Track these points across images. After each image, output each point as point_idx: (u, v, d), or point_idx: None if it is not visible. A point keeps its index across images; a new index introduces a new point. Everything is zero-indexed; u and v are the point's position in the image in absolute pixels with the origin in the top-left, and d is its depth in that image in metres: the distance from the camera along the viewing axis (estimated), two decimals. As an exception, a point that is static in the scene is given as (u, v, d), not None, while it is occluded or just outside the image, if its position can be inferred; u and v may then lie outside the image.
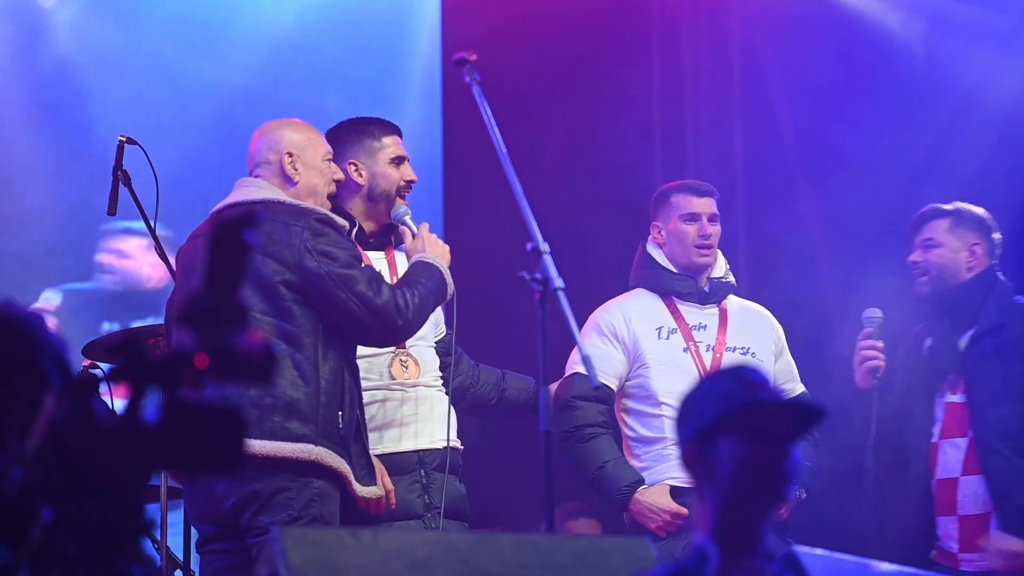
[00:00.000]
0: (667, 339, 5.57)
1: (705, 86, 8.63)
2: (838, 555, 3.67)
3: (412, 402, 5.17)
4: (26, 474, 1.92)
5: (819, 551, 3.92)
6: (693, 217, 5.66)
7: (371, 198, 5.24)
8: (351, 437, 4.71)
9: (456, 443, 5.24)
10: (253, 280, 4.62)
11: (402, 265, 5.13)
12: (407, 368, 5.19)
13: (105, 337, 5.56)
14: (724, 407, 2.95)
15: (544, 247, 4.23)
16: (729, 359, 5.57)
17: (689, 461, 3.01)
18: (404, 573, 3.31)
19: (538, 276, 4.20)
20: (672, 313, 5.62)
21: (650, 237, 5.74)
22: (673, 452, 5.43)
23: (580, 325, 4.65)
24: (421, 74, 8.34)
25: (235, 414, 1.94)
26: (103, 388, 2.04)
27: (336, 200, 5.08)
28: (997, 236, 5.65)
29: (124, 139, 5.49)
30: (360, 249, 5.00)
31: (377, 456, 4.96)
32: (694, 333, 5.61)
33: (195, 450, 1.92)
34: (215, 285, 1.94)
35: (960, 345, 5.54)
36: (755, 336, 5.68)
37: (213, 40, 7.99)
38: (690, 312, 5.64)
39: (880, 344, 5.60)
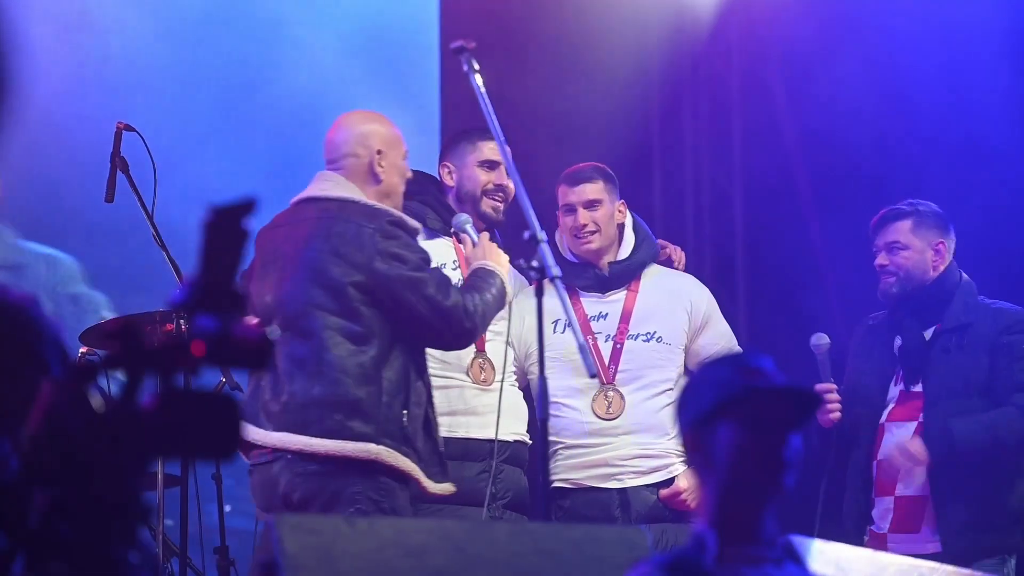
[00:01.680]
0: (562, 333, 5.48)
1: (704, 76, 8.62)
2: (835, 544, 3.68)
3: (491, 393, 5.27)
4: (23, 460, 1.92)
5: (817, 540, 3.92)
6: (569, 208, 5.60)
7: (459, 199, 5.40)
8: (417, 435, 4.74)
9: (524, 437, 5.33)
10: (322, 280, 4.69)
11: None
12: (484, 371, 5.31)
13: (103, 324, 5.56)
14: (722, 394, 2.95)
15: (541, 235, 4.24)
16: (631, 347, 5.53)
17: (688, 448, 3.01)
18: (400, 561, 3.31)
19: (535, 264, 4.21)
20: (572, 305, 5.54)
21: (558, 228, 5.71)
22: (567, 454, 5.44)
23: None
24: (419, 62, 8.34)
25: (231, 401, 1.94)
26: (100, 375, 2.04)
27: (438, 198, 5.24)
28: (953, 232, 5.74)
29: (122, 126, 5.48)
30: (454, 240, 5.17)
31: (450, 440, 5.04)
32: (592, 324, 5.53)
33: (192, 437, 1.92)
34: (211, 272, 1.93)
35: (925, 340, 5.63)
36: (665, 318, 5.58)
37: (210, 27, 7.98)
38: (590, 302, 5.58)
39: (834, 386, 5.64)
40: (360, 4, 8.37)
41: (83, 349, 5.32)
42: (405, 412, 4.70)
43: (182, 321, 5.21)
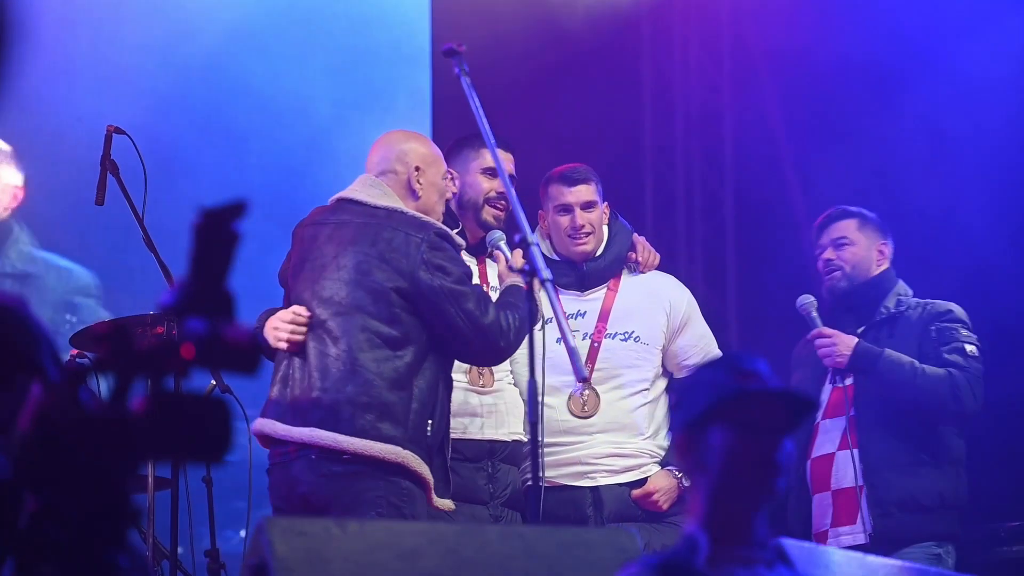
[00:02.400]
0: (539, 330, 5.49)
1: (695, 77, 8.63)
2: (825, 547, 3.68)
3: (488, 395, 5.33)
4: (13, 463, 1.92)
5: (807, 544, 3.93)
6: (566, 208, 5.58)
7: (460, 206, 5.41)
8: (436, 447, 4.80)
9: (521, 436, 5.36)
10: (366, 282, 4.74)
11: (492, 277, 5.32)
12: (483, 375, 5.36)
13: (93, 326, 5.54)
14: (715, 397, 2.95)
15: (532, 238, 4.24)
16: (608, 346, 5.53)
17: (681, 450, 3.01)
18: (391, 563, 3.31)
19: (526, 268, 4.21)
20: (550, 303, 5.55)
21: (538, 227, 5.70)
22: (545, 452, 5.45)
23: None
24: (410, 64, 8.34)
25: (221, 404, 1.94)
26: (90, 377, 2.04)
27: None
28: (892, 242, 5.96)
29: (112, 129, 5.48)
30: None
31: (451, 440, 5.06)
32: (571, 322, 5.50)
33: (182, 440, 1.92)
34: (202, 274, 1.93)
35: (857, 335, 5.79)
36: (644, 318, 5.58)
37: (201, 28, 7.98)
38: (569, 300, 5.55)
39: (829, 331, 5.77)
40: (351, 10, 8.37)
41: (73, 352, 5.31)
42: (430, 422, 4.75)
43: (172, 324, 5.20)
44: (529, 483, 5.32)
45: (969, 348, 5.64)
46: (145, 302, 5.94)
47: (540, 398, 5.29)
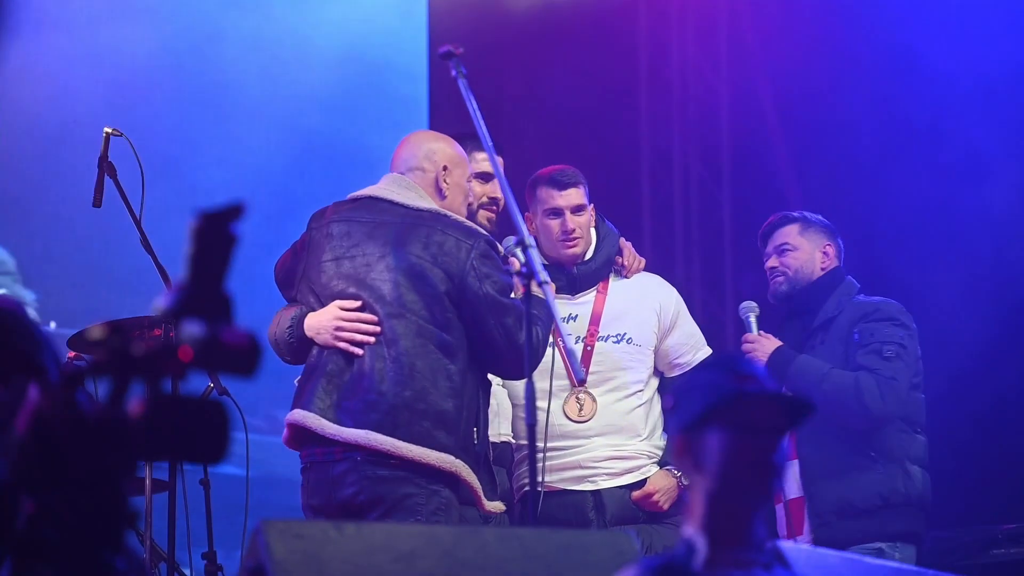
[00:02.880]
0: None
1: (692, 81, 8.64)
2: (822, 550, 3.68)
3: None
4: (10, 465, 1.92)
5: (804, 546, 3.93)
6: (556, 212, 5.54)
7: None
8: (483, 455, 4.84)
9: (509, 438, 5.37)
10: (419, 286, 4.75)
11: None
12: None
13: (89, 329, 5.54)
14: (712, 399, 2.95)
15: (529, 240, 4.23)
16: (601, 349, 5.54)
17: (679, 453, 3.01)
18: (388, 566, 3.31)
19: (523, 270, 4.20)
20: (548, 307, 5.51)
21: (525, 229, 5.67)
22: (539, 457, 5.44)
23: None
24: (407, 67, 8.34)
25: (219, 406, 1.94)
26: (88, 379, 2.04)
27: None
28: (839, 242, 5.93)
29: (110, 131, 5.48)
30: None
31: None
32: (562, 327, 5.50)
33: (179, 442, 1.92)
34: (199, 277, 1.93)
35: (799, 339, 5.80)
36: (634, 319, 5.57)
37: (196, 33, 7.98)
38: (560, 304, 5.50)
39: (755, 336, 5.79)
40: (349, 13, 8.36)
41: (71, 354, 5.31)
42: (476, 430, 4.78)
43: (170, 326, 5.20)
44: (527, 488, 5.32)
45: (888, 349, 5.59)
46: (143, 305, 5.94)
47: (548, 401, 5.34)
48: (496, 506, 4.86)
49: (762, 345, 5.69)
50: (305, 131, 8.28)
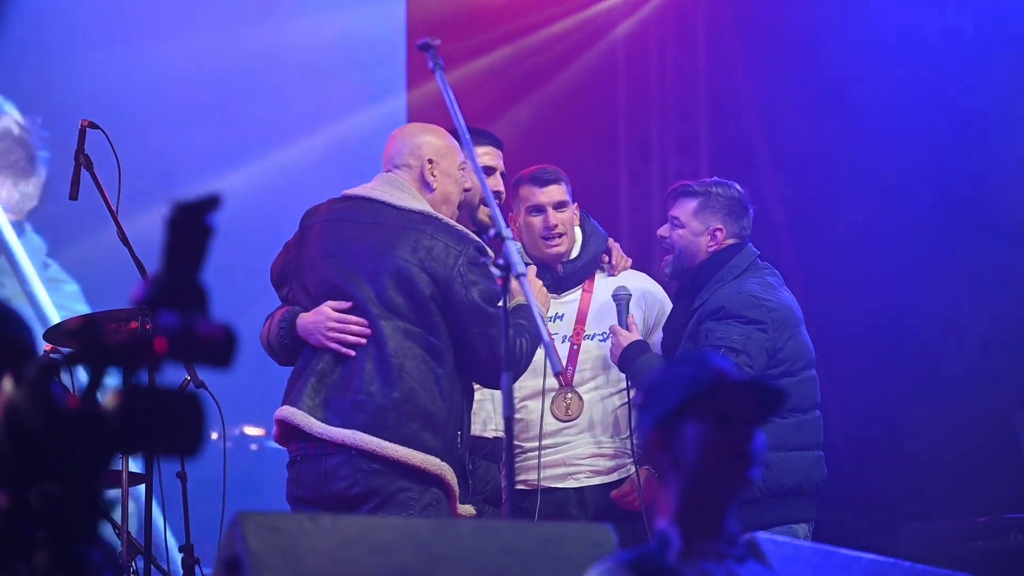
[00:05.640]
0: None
1: (671, 75, 8.65)
2: (797, 542, 3.69)
3: (477, 391, 5.25)
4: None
5: (780, 538, 3.93)
6: (538, 208, 5.55)
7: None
8: (463, 457, 4.86)
9: (500, 433, 5.37)
10: (406, 289, 4.77)
11: None
12: None
13: (65, 321, 5.53)
14: (688, 391, 2.96)
15: (507, 233, 4.23)
16: (588, 347, 5.53)
17: (653, 447, 3.01)
18: (364, 558, 3.31)
19: (500, 262, 4.20)
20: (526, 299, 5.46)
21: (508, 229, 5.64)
22: (525, 456, 5.44)
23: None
24: (385, 58, 8.33)
25: (195, 399, 1.94)
26: (63, 372, 2.03)
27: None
28: (747, 217, 5.68)
29: (86, 123, 5.46)
30: None
31: None
32: (549, 325, 5.47)
33: (154, 434, 1.92)
34: (175, 268, 1.93)
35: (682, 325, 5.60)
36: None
37: (179, 22, 7.96)
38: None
39: (618, 327, 5.53)
40: (328, 7, 8.36)
41: (47, 347, 5.30)
42: (459, 433, 4.81)
43: (146, 319, 5.19)
44: (516, 484, 5.34)
45: (723, 351, 5.33)
46: (120, 298, 5.92)
47: (542, 400, 5.34)
48: (467, 510, 4.87)
49: (619, 337, 5.47)
50: (283, 122, 8.27)
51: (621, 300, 5.54)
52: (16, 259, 7.53)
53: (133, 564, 5.67)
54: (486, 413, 5.40)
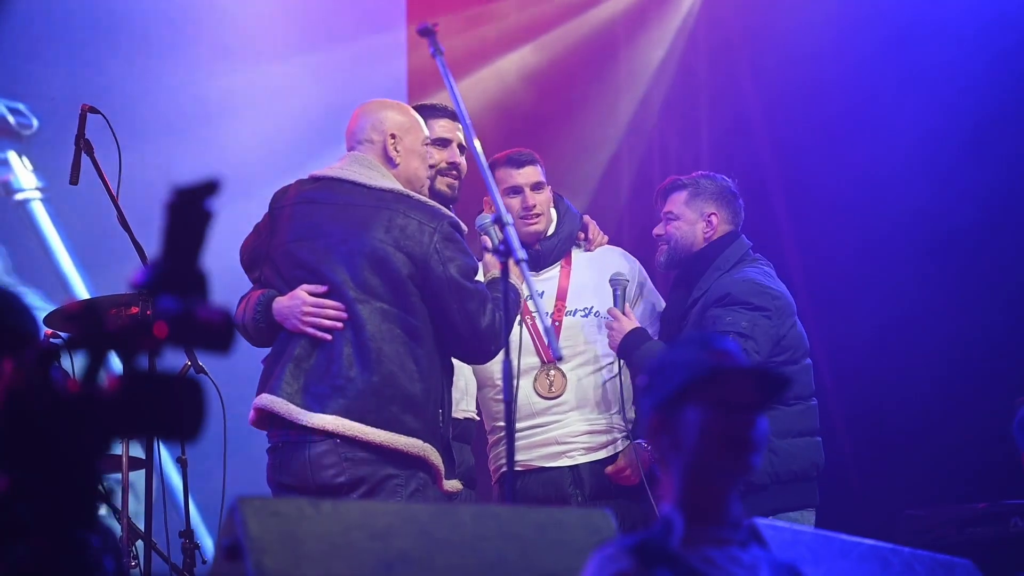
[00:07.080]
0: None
1: (675, 63, 8.64)
2: (797, 527, 3.69)
3: None
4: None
5: (780, 523, 3.93)
6: (516, 190, 5.63)
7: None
8: (447, 436, 4.84)
9: (472, 414, 5.38)
10: (382, 270, 4.74)
11: None
12: None
13: (65, 306, 5.53)
14: (690, 375, 2.95)
15: (507, 218, 4.24)
16: (569, 324, 5.56)
17: (655, 431, 3.00)
18: (365, 543, 3.31)
19: (500, 248, 4.21)
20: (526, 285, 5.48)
21: (483, 212, 5.67)
22: (516, 436, 5.44)
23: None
24: (386, 43, 8.33)
25: (195, 384, 1.93)
26: (63, 356, 2.03)
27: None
28: (737, 204, 5.76)
29: (87, 108, 5.46)
30: None
31: None
32: (538, 304, 5.51)
33: (154, 419, 1.91)
34: (175, 253, 1.93)
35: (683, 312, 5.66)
36: (600, 292, 5.61)
37: (178, 9, 7.95)
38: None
39: (617, 311, 5.57)
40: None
41: (47, 331, 5.30)
42: (440, 412, 4.78)
43: (146, 304, 5.19)
44: (504, 469, 5.33)
45: (730, 336, 5.31)
46: (121, 282, 5.92)
47: (516, 379, 5.33)
48: (454, 485, 4.87)
49: (620, 323, 5.52)
50: (281, 107, 8.26)
51: (618, 285, 5.57)
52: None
53: (133, 548, 5.67)
54: (459, 393, 5.39)
